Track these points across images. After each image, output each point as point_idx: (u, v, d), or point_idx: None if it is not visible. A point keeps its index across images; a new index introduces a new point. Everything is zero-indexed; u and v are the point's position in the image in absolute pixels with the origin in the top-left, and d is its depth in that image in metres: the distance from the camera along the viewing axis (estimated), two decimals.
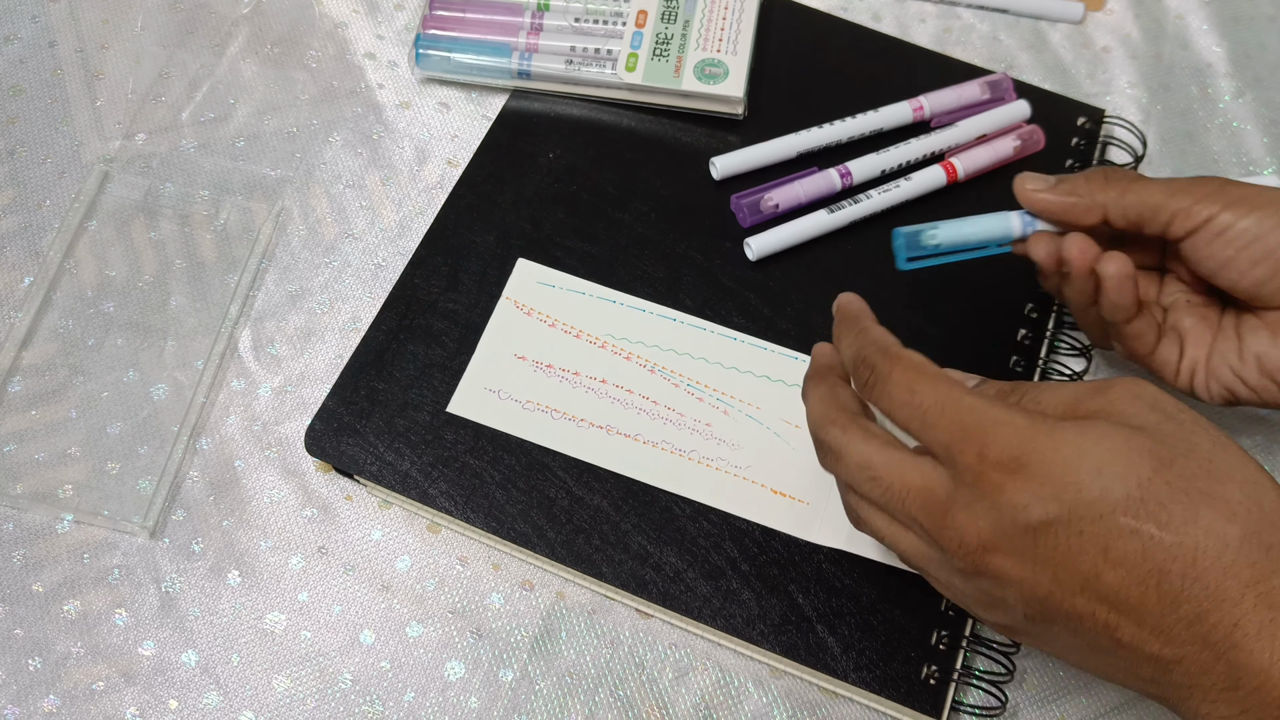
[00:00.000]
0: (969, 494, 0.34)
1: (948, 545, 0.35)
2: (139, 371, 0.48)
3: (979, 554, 0.35)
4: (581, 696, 0.43)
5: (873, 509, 0.38)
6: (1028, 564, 0.34)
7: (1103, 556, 0.33)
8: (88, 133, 0.53)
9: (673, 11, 0.56)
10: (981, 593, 0.36)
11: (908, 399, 0.36)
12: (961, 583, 0.37)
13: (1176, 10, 0.62)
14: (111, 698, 0.42)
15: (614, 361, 0.48)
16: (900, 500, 0.36)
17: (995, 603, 0.36)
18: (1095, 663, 0.36)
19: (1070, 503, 0.33)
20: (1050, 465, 0.34)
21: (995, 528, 0.34)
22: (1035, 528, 0.34)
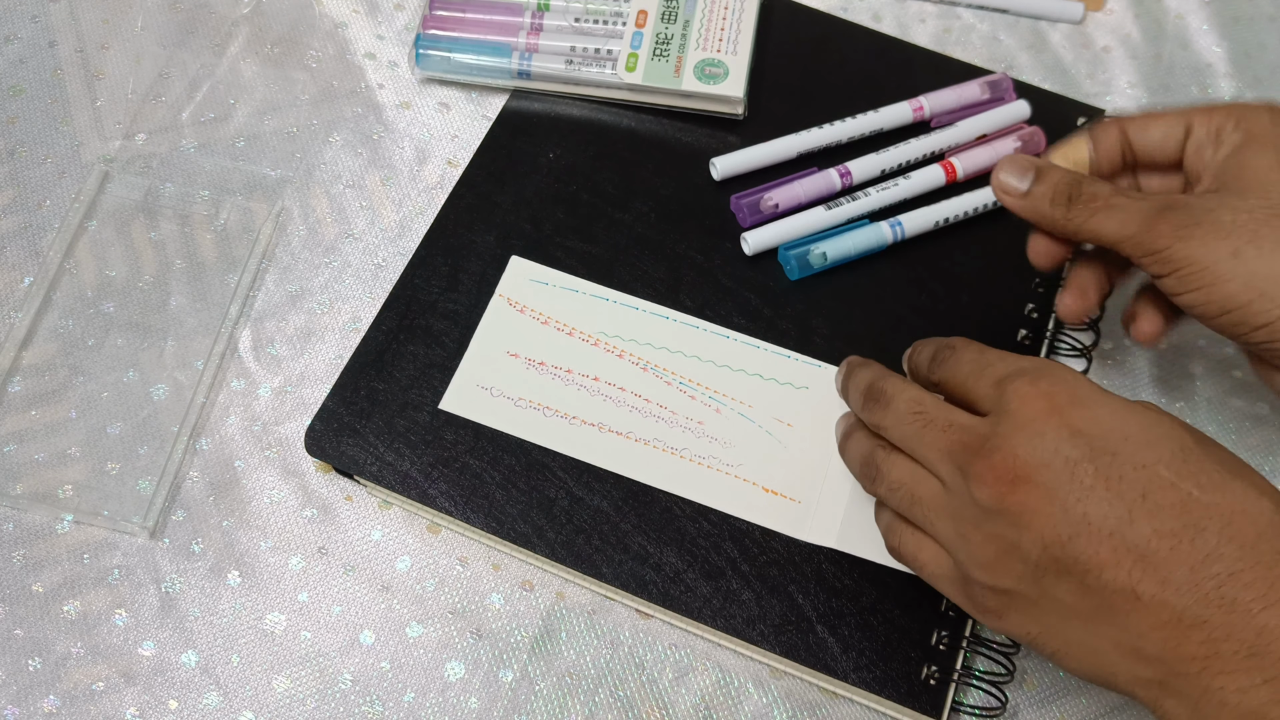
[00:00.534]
0: (1012, 426, 0.35)
1: (979, 475, 0.35)
2: (139, 371, 0.48)
3: (1008, 484, 0.34)
4: (581, 697, 0.43)
5: (897, 457, 0.39)
6: (1058, 500, 0.33)
7: (1140, 502, 0.33)
8: (88, 133, 0.53)
9: (673, 11, 0.56)
10: (994, 538, 0.35)
11: (977, 357, 0.38)
12: (974, 528, 0.35)
13: (1176, 10, 0.62)
14: (111, 698, 0.42)
15: (606, 359, 0.48)
16: (938, 434, 0.37)
17: (1006, 552, 0.35)
18: (1092, 637, 0.34)
19: (1117, 445, 0.34)
20: (1103, 410, 0.35)
21: (1033, 456, 0.34)
22: (1076, 461, 0.33)
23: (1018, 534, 0.34)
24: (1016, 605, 0.36)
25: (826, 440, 0.46)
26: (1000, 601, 0.36)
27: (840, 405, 0.48)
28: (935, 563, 0.38)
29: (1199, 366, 0.52)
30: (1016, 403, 0.35)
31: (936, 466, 0.37)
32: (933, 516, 0.37)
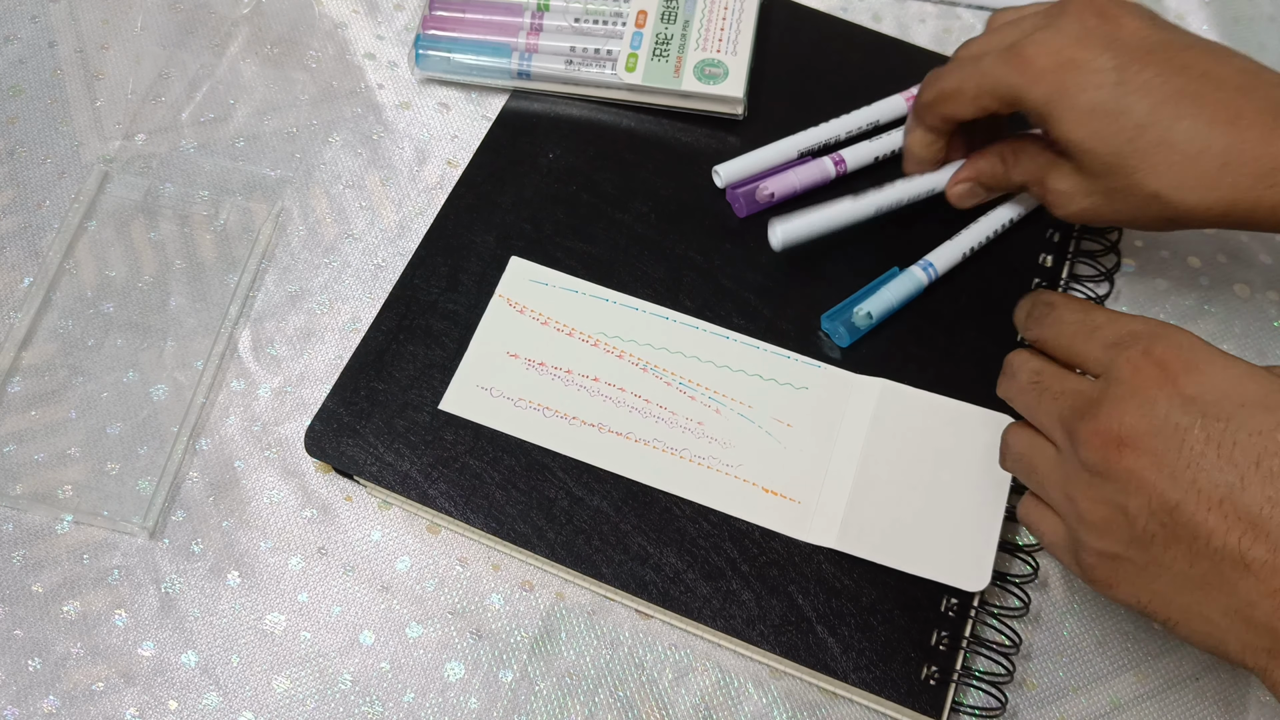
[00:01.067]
0: (1123, 390, 0.35)
1: (1086, 438, 0.35)
2: (139, 372, 0.48)
3: (1116, 449, 0.34)
4: (581, 697, 0.43)
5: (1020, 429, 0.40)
6: (1166, 467, 0.33)
7: (1253, 469, 0.32)
8: (88, 133, 0.53)
9: (672, 12, 0.56)
10: (1102, 502, 0.35)
11: (1081, 316, 0.39)
12: (1082, 491, 0.35)
13: (1176, 10, 0.62)
14: (111, 698, 0.42)
15: (606, 360, 0.48)
16: (1051, 401, 0.37)
17: (1113, 516, 0.35)
18: (1202, 604, 0.34)
19: (1231, 411, 0.33)
20: (1220, 375, 0.34)
21: (1142, 421, 0.34)
22: (1186, 428, 0.33)
23: (1125, 498, 0.34)
24: (1126, 572, 0.35)
25: (826, 440, 0.46)
26: (1110, 569, 0.36)
27: (838, 407, 0.48)
28: (1052, 531, 0.39)
29: None
30: (1129, 370, 0.35)
31: (1051, 433, 0.38)
32: (1046, 483, 0.38)
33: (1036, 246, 0.53)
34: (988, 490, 0.45)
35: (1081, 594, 0.46)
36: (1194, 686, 0.45)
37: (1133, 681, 0.45)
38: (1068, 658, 0.45)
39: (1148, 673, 0.45)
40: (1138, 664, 0.45)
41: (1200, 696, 0.45)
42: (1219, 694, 0.45)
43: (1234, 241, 0.55)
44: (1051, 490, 0.38)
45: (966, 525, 0.44)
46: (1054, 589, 0.46)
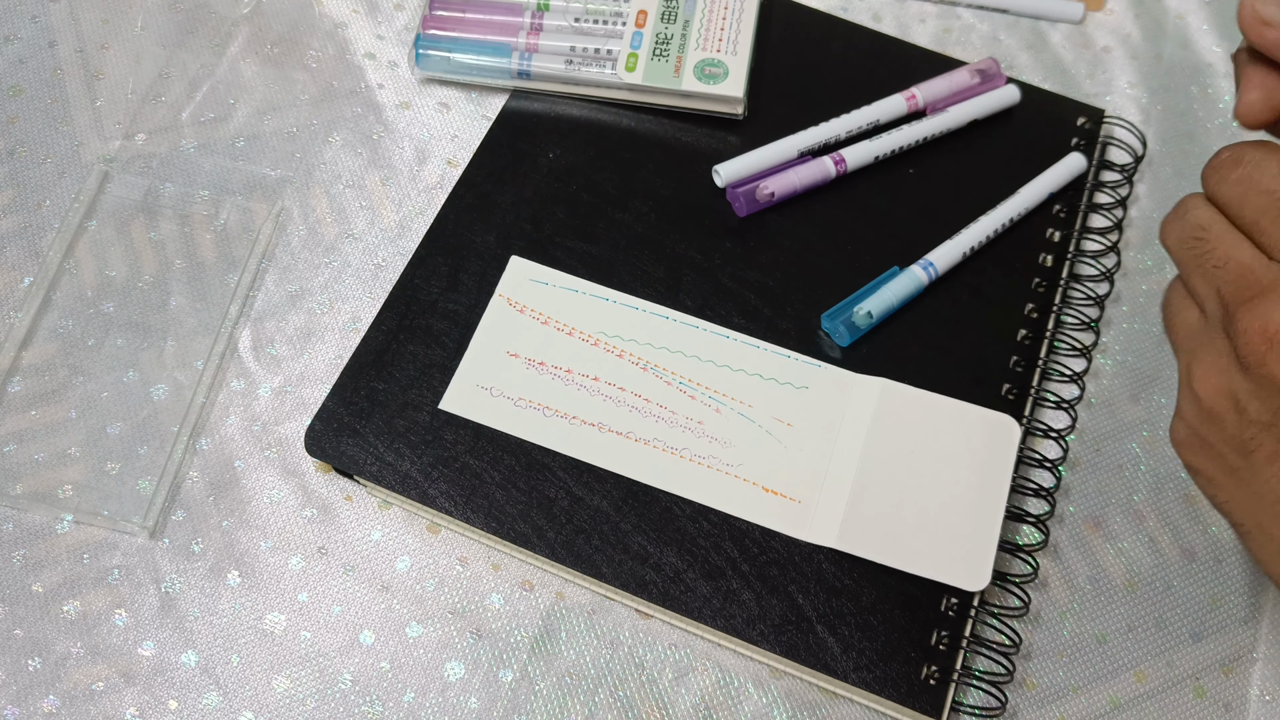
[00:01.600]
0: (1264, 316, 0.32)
1: (1244, 326, 0.32)
2: (139, 371, 0.48)
3: (1267, 345, 0.31)
4: (581, 697, 0.43)
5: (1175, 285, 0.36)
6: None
7: None
8: (88, 133, 0.53)
9: (672, 11, 0.56)
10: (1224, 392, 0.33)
11: (1270, 186, 0.33)
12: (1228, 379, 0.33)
13: (1176, 10, 0.62)
14: (111, 698, 0.42)
15: (606, 359, 0.48)
16: (1215, 266, 0.33)
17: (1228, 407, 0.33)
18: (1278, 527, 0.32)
19: None
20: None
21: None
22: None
23: (1251, 399, 0.32)
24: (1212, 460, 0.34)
25: (827, 440, 0.46)
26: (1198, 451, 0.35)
27: (839, 406, 0.48)
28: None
29: None
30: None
31: (1204, 300, 0.34)
32: (1179, 347, 0.35)
33: (1036, 246, 0.53)
34: (988, 490, 0.45)
35: (1081, 594, 0.46)
36: (1194, 686, 0.45)
37: (1133, 681, 0.45)
38: (1068, 658, 0.45)
39: (1148, 673, 0.45)
40: (1138, 664, 0.45)
41: (1200, 697, 0.45)
42: (1219, 694, 0.45)
43: None
44: (1181, 353, 0.35)
45: (966, 525, 0.44)
46: (1054, 589, 0.46)
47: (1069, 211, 0.54)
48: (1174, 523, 0.48)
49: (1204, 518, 0.48)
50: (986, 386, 0.48)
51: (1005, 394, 0.48)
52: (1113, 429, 0.50)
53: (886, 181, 0.54)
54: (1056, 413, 0.49)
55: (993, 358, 0.50)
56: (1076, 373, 0.50)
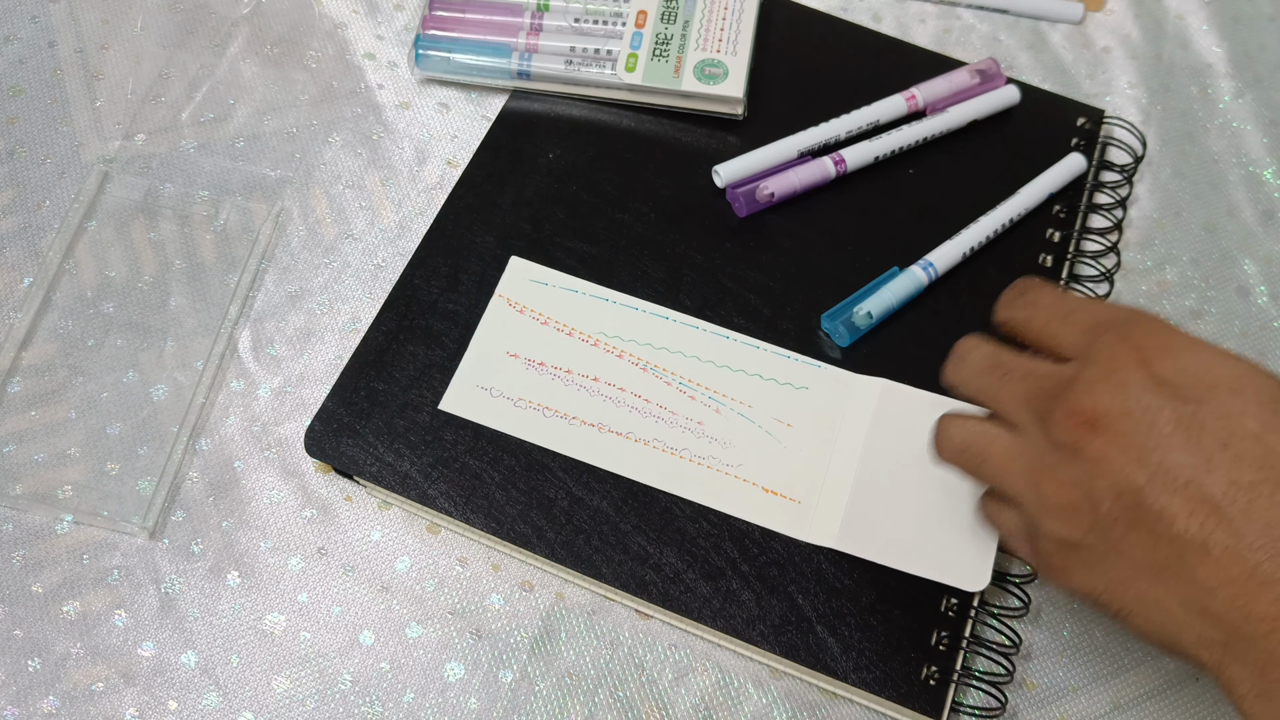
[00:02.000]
0: (1097, 372, 0.34)
1: (1059, 418, 0.34)
2: (139, 372, 0.48)
3: (1089, 429, 0.33)
4: (581, 697, 0.43)
5: (964, 419, 0.39)
6: (1134, 449, 0.32)
7: (1220, 451, 0.32)
8: (88, 133, 0.53)
9: (672, 12, 0.56)
10: (1068, 485, 0.34)
11: (1057, 299, 0.38)
12: (1048, 475, 0.34)
13: (1176, 10, 0.62)
14: (111, 698, 0.42)
15: (606, 359, 0.48)
16: (1017, 383, 0.36)
17: (1078, 499, 0.34)
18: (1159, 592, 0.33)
19: (1202, 394, 0.33)
20: (1192, 359, 0.34)
21: (1115, 402, 0.33)
22: (1157, 409, 0.33)
23: (1091, 480, 0.33)
24: (1084, 560, 0.34)
25: (826, 440, 0.46)
26: (1068, 556, 0.35)
27: (839, 406, 0.47)
28: (1010, 522, 0.38)
29: None
30: (1105, 354, 0.35)
31: (1014, 415, 0.36)
32: (1005, 469, 0.36)
33: (1036, 246, 0.53)
34: None
35: None
36: (1194, 687, 0.45)
37: (1133, 681, 0.45)
38: (1068, 658, 0.45)
39: (1148, 673, 0.45)
40: (1138, 664, 0.45)
41: (1200, 697, 0.45)
42: (1219, 694, 0.45)
43: (1232, 242, 0.55)
44: (1011, 477, 0.36)
45: (966, 525, 0.44)
46: (1054, 590, 0.46)
47: (1069, 212, 0.54)
48: None
49: None
50: None
51: None
52: None
53: (886, 182, 0.54)
54: None
55: None
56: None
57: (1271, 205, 0.56)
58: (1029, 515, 0.36)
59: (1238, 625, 0.31)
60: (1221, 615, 0.32)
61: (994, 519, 0.40)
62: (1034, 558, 0.37)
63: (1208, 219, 0.56)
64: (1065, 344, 0.37)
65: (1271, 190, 0.57)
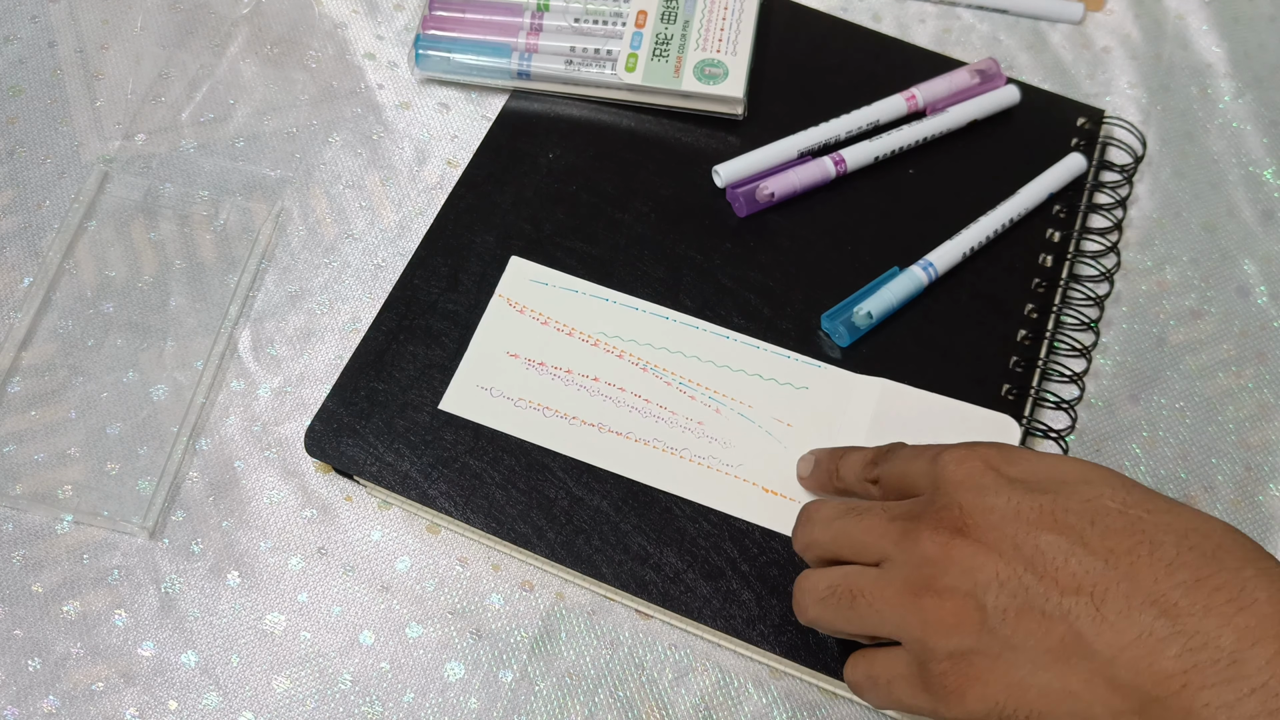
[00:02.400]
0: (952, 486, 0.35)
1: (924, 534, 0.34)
2: (139, 372, 0.48)
3: (957, 533, 0.34)
4: (581, 697, 0.43)
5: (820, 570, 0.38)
6: (1006, 539, 0.33)
7: (1090, 528, 0.32)
8: (87, 133, 0.53)
9: (672, 12, 0.56)
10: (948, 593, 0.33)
11: (913, 449, 0.39)
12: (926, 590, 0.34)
13: (1176, 10, 0.62)
14: (111, 698, 0.42)
15: (606, 359, 0.48)
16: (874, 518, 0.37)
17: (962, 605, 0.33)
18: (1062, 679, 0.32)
19: (1057, 487, 0.34)
20: (1038, 462, 0.35)
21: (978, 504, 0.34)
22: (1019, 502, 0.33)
23: (972, 580, 0.33)
24: (980, 669, 0.33)
25: (826, 440, 0.46)
26: (964, 671, 0.33)
27: (838, 406, 0.47)
28: (890, 667, 0.36)
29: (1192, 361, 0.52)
30: (953, 466, 0.36)
31: (876, 548, 0.36)
32: (878, 602, 0.35)
33: (1036, 246, 0.53)
34: None
35: None
36: None
37: None
38: None
39: None
40: None
41: None
42: None
43: (1232, 241, 0.55)
44: (887, 607, 0.35)
45: None
46: None
47: (1069, 212, 0.54)
48: None
49: None
50: (986, 387, 0.48)
51: (1005, 394, 0.48)
52: (1113, 429, 0.50)
53: (886, 182, 0.54)
54: (1056, 413, 0.49)
55: (992, 358, 0.50)
56: (1076, 373, 0.50)
57: (1271, 205, 0.56)
58: (913, 643, 0.34)
59: (1147, 689, 0.30)
60: (1128, 683, 0.31)
61: (872, 674, 0.37)
62: (925, 691, 0.34)
63: (1208, 219, 0.56)
64: (917, 475, 0.37)
65: (1271, 190, 0.57)
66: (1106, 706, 0.31)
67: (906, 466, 0.38)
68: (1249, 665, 0.29)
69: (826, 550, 0.38)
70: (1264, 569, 0.31)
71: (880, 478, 0.40)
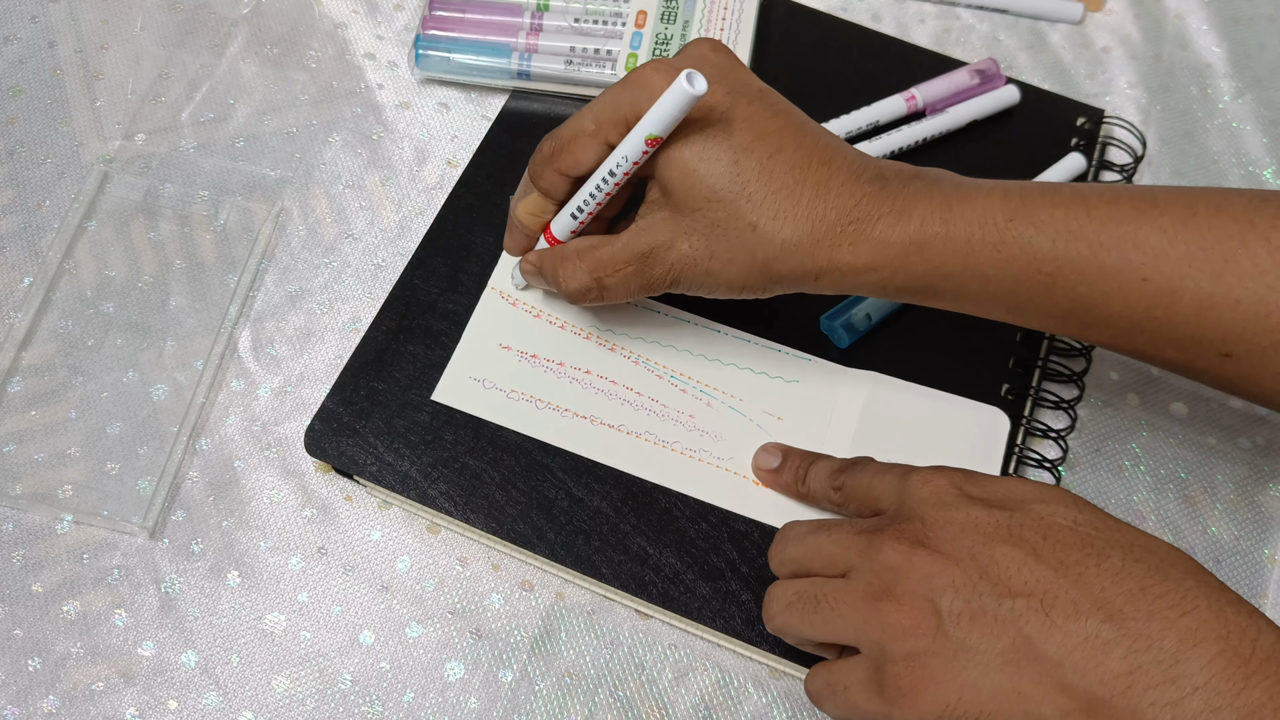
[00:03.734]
0: (916, 501, 0.37)
1: (889, 541, 0.36)
2: (139, 372, 0.48)
3: (918, 544, 0.36)
4: (581, 697, 0.43)
5: (786, 581, 0.40)
6: (964, 550, 0.35)
7: (1042, 542, 0.34)
8: (87, 133, 0.53)
9: (672, 12, 0.56)
10: (906, 598, 0.35)
11: (880, 465, 0.41)
12: (885, 595, 0.35)
13: (1176, 10, 0.62)
14: (111, 698, 0.42)
15: (599, 353, 0.48)
16: (843, 532, 0.38)
17: (917, 608, 0.34)
18: (1013, 680, 0.33)
19: (1015, 505, 0.36)
20: (998, 483, 0.37)
21: (939, 518, 0.36)
22: (977, 518, 0.36)
23: (929, 585, 0.35)
24: (933, 671, 0.34)
25: (818, 433, 0.46)
26: (917, 672, 0.34)
27: (829, 400, 0.48)
28: (849, 672, 0.37)
29: None
30: (919, 485, 0.38)
31: (843, 558, 0.38)
32: (839, 607, 0.37)
33: None
34: None
35: None
36: None
37: None
38: None
39: None
40: None
41: None
42: None
43: None
44: (848, 611, 0.36)
45: None
46: None
47: None
48: (1174, 523, 0.48)
49: (1203, 518, 0.48)
50: (986, 387, 0.48)
51: (1005, 394, 0.49)
52: (1113, 429, 0.50)
53: None
54: (1056, 413, 0.50)
55: (992, 358, 0.50)
56: (1076, 373, 0.50)
57: None
58: (871, 646, 0.36)
59: (1094, 690, 0.32)
60: (1076, 684, 0.32)
61: (830, 681, 0.37)
62: (880, 695, 0.35)
63: None
64: (883, 490, 0.40)
65: None
66: (1055, 707, 0.32)
67: (874, 480, 0.41)
68: (1191, 665, 0.31)
69: (798, 564, 0.40)
70: (1204, 581, 0.33)
71: (845, 486, 0.42)
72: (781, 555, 0.40)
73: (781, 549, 0.41)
